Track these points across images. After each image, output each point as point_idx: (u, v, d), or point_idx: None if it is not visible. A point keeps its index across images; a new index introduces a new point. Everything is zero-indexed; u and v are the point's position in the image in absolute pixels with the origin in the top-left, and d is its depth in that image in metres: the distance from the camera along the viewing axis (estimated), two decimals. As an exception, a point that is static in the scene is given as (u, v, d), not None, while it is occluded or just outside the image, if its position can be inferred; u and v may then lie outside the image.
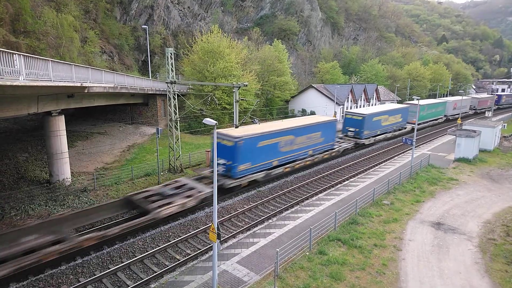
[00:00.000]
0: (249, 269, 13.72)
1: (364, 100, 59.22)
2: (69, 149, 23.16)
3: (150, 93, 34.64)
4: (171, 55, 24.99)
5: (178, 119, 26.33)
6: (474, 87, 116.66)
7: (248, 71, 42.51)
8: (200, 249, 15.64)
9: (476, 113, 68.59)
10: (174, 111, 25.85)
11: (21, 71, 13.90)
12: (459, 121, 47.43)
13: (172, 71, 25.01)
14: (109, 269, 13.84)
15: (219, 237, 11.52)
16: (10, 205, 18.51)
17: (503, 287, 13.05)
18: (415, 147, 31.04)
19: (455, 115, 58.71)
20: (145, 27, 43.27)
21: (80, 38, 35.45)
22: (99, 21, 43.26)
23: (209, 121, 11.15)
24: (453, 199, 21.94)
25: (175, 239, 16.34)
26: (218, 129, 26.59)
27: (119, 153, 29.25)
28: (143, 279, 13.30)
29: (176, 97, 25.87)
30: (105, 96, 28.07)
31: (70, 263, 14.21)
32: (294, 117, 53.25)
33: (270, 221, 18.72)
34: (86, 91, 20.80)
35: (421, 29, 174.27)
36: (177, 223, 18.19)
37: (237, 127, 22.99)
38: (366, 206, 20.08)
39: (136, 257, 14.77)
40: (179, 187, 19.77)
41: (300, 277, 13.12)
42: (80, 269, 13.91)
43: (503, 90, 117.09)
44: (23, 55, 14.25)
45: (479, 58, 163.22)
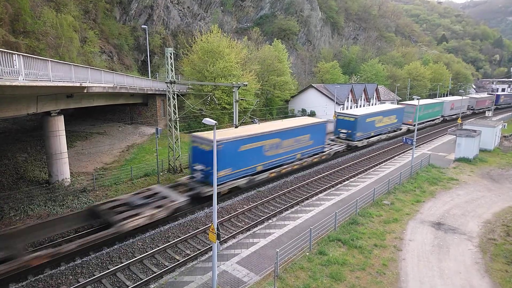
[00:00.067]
0: (249, 269, 13.69)
1: (364, 100, 59.15)
2: (68, 149, 23.12)
3: (149, 93, 34.59)
4: (171, 55, 24.96)
5: (177, 119, 26.30)
6: (474, 87, 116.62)
7: (247, 71, 42.46)
8: (199, 250, 15.61)
9: (474, 113, 67.90)
10: (173, 111, 25.81)
11: (21, 71, 13.86)
12: (459, 121, 47.38)
13: (171, 71, 24.97)
14: (109, 269, 13.80)
15: (218, 237, 11.49)
16: (9, 206, 18.48)
17: (503, 287, 13.03)
18: (415, 147, 31.03)
19: (452, 115, 58.09)
20: (145, 27, 43.23)
21: (79, 38, 35.40)
22: (98, 21, 43.21)
23: (208, 121, 11.13)
24: (453, 199, 21.92)
25: (174, 240, 16.31)
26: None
27: (118, 153, 29.21)
28: (142, 280, 13.27)
29: (175, 97, 25.83)
30: (104, 96, 28.03)
31: (69, 264, 14.18)
32: (294, 117, 53.25)
33: (270, 221, 18.69)
34: (85, 91, 20.75)
35: (421, 28, 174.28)
36: (177, 223, 18.15)
37: (236, 127, 22.98)
38: (366, 206, 20.05)
39: (135, 257, 14.73)
40: (151, 195, 18.31)
41: (300, 278, 13.09)
42: (79, 270, 13.87)
43: (503, 89, 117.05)
44: (22, 55, 14.21)
45: (479, 57, 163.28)
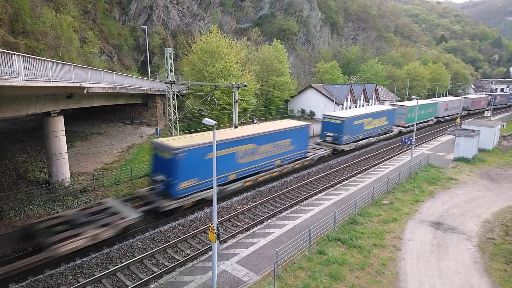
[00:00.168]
0: (248, 269, 13.73)
1: (363, 100, 59.27)
2: (68, 150, 23.12)
3: (149, 93, 34.62)
4: (170, 55, 25.00)
5: (177, 119, 26.33)
6: (473, 87, 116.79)
7: (247, 71, 42.49)
8: (199, 249, 15.64)
9: (469, 114, 66.19)
10: (173, 111, 25.84)
11: (20, 72, 13.88)
12: (458, 121, 47.46)
13: (171, 71, 25.00)
14: (109, 269, 13.84)
15: (218, 237, 11.53)
16: (9, 206, 18.49)
17: (502, 286, 13.08)
18: (414, 147, 31.09)
19: (446, 116, 56.78)
20: (144, 27, 43.25)
21: (79, 38, 35.41)
22: (98, 21, 43.20)
23: (208, 121, 11.18)
24: (452, 198, 21.97)
25: (174, 240, 16.34)
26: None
27: (118, 154, 29.21)
28: (142, 280, 13.30)
29: (175, 97, 25.86)
30: (104, 96, 28.06)
31: (69, 264, 14.22)
32: (293, 117, 53.32)
33: (269, 221, 18.73)
34: (85, 92, 20.77)
35: (420, 29, 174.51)
36: (177, 223, 18.20)
37: (236, 127, 22.97)
38: (365, 206, 20.10)
39: (135, 257, 14.77)
40: (100, 211, 16.50)
41: (299, 277, 13.13)
42: (79, 270, 13.90)
43: (502, 89, 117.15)
44: (22, 55, 14.23)
45: (478, 57, 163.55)
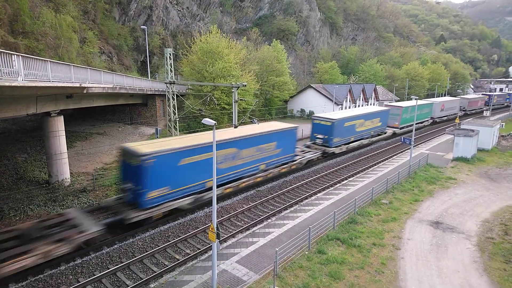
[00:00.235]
0: (248, 268, 13.75)
1: (362, 100, 59.37)
2: (68, 150, 23.15)
3: (149, 93, 34.66)
4: (170, 55, 25.04)
5: (177, 119, 26.36)
6: (472, 87, 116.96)
7: (247, 71, 42.56)
8: (199, 249, 15.65)
9: (466, 114, 64.95)
10: (173, 111, 25.88)
11: (20, 72, 13.90)
12: (457, 121, 47.53)
13: (171, 71, 25.04)
14: (109, 269, 13.85)
15: (218, 236, 11.56)
16: (9, 206, 18.51)
17: (502, 285, 13.12)
18: (414, 147, 31.15)
19: (442, 117, 55.66)
20: (144, 27, 43.31)
21: (79, 38, 35.44)
22: (98, 21, 43.23)
23: (208, 121, 11.21)
24: (451, 198, 22.02)
25: (174, 239, 16.37)
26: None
27: (118, 153, 29.22)
28: (142, 279, 13.30)
29: (175, 97, 25.90)
30: (104, 96, 28.09)
31: (69, 263, 14.22)
32: (292, 117, 53.39)
33: (269, 220, 18.76)
34: (85, 92, 20.80)
35: (420, 29, 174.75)
36: (177, 223, 18.21)
37: (236, 127, 22.96)
38: (365, 205, 20.14)
39: (135, 257, 14.78)
40: (59, 223, 15.08)
41: (299, 276, 13.17)
42: (79, 269, 13.92)
43: (501, 89, 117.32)
44: (21, 55, 14.26)
45: (477, 57, 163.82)
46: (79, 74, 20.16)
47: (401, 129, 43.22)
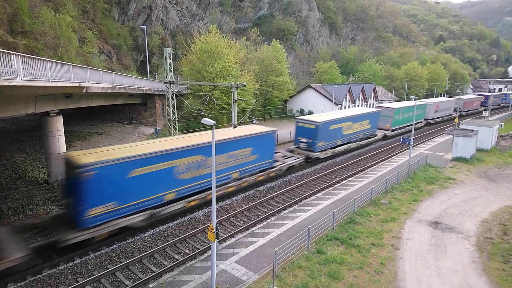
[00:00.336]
0: (247, 268, 13.76)
1: (362, 100, 59.41)
2: (67, 150, 23.13)
3: (148, 93, 34.64)
4: (170, 55, 25.03)
5: (176, 119, 26.35)
6: (471, 87, 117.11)
7: (246, 71, 42.57)
8: (198, 249, 15.66)
9: (461, 115, 62.25)
10: (172, 111, 25.87)
11: (19, 72, 13.88)
12: (456, 121, 47.58)
13: (170, 71, 25.03)
14: (108, 269, 13.84)
15: (217, 236, 11.55)
16: (8, 206, 18.49)
17: (500, 285, 13.14)
18: (413, 147, 31.18)
19: (437, 118, 54.01)
20: (143, 27, 43.26)
21: (78, 38, 35.38)
22: (97, 21, 43.18)
23: (207, 121, 11.20)
24: (450, 198, 22.05)
25: (173, 239, 16.36)
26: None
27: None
28: (141, 279, 13.31)
29: (174, 97, 25.89)
30: (103, 96, 28.06)
31: (68, 263, 14.22)
32: (292, 117, 53.37)
33: (268, 220, 18.76)
34: (84, 92, 20.78)
35: (419, 29, 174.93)
36: (176, 223, 18.21)
37: (235, 127, 22.95)
38: (364, 205, 20.15)
39: (134, 257, 14.79)
40: None
41: (298, 276, 13.17)
42: (78, 269, 13.91)
43: (500, 89, 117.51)
44: (20, 55, 14.23)
45: (476, 58, 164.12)
46: (78, 74, 20.14)
47: (392, 131, 41.91)
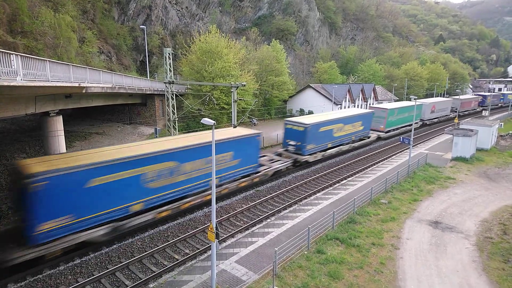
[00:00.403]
0: (247, 268, 13.76)
1: (361, 99, 59.43)
2: (67, 150, 23.11)
3: (148, 93, 34.62)
4: (169, 55, 25.02)
5: (176, 119, 26.34)
6: (471, 87, 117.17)
7: (246, 71, 42.57)
8: (198, 249, 15.67)
9: (458, 116, 58.67)
10: (172, 111, 25.86)
11: (19, 72, 13.86)
12: (456, 120, 47.60)
13: (170, 71, 25.02)
14: (108, 269, 13.85)
15: (217, 236, 11.55)
16: (7, 206, 18.47)
17: (500, 285, 13.15)
18: (412, 147, 31.18)
19: (433, 119, 53.10)
20: (143, 27, 43.25)
21: (78, 38, 35.36)
22: (97, 21, 43.16)
23: (207, 121, 11.20)
24: (450, 198, 22.06)
25: (173, 239, 16.37)
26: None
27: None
28: (141, 279, 13.31)
29: (174, 97, 25.88)
30: (103, 96, 28.05)
31: (68, 263, 14.21)
32: (292, 116, 53.36)
33: (268, 220, 18.76)
34: (84, 92, 20.76)
35: (418, 29, 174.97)
36: (176, 223, 18.21)
37: (235, 126, 22.97)
38: (364, 205, 20.15)
39: (134, 257, 14.79)
40: None
41: (298, 276, 13.17)
42: (78, 269, 13.91)
43: (499, 89, 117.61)
44: (20, 55, 14.22)
45: (476, 57, 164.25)
46: (78, 73, 20.12)
47: (386, 132, 40.89)
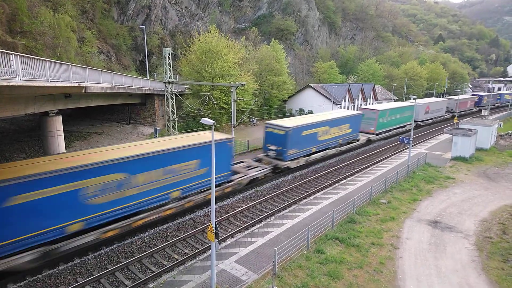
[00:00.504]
0: (247, 268, 13.76)
1: (361, 99, 59.46)
2: (66, 150, 23.11)
3: (148, 93, 34.62)
4: (169, 55, 25.02)
5: (176, 119, 26.34)
6: (470, 86, 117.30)
7: (245, 71, 42.58)
8: (198, 249, 15.67)
9: (454, 116, 56.94)
10: (172, 111, 25.86)
11: (18, 72, 13.86)
12: (456, 120, 47.61)
13: (169, 71, 25.02)
14: (107, 269, 13.84)
15: (217, 236, 11.55)
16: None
17: (500, 284, 13.16)
18: (412, 146, 31.19)
19: (427, 120, 51.55)
20: (143, 27, 43.24)
21: (77, 38, 35.35)
22: (96, 21, 43.15)
23: (207, 121, 11.19)
24: (449, 197, 22.07)
25: (173, 239, 16.36)
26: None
27: None
28: (141, 279, 13.31)
29: (174, 97, 25.88)
30: (102, 96, 28.05)
31: (68, 263, 14.21)
32: (292, 116, 53.36)
33: (268, 220, 18.75)
34: (83, 91, 20.76)
35: (418, 28, 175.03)
36: (175, 223, 18.21)
37: (235, 126, 22.99)
38: (363, 205, 20.16)
39: (134, 257, 14.78)
40: None
41: (298, 276, 13.18)
42: (78, 269, 13.90)
43: (499, 89, 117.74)
44: (19, 55, 14.22)
45: (476, 57, 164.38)
46: (78, 73, 20.13)
47: (377, 135, 39.31)
